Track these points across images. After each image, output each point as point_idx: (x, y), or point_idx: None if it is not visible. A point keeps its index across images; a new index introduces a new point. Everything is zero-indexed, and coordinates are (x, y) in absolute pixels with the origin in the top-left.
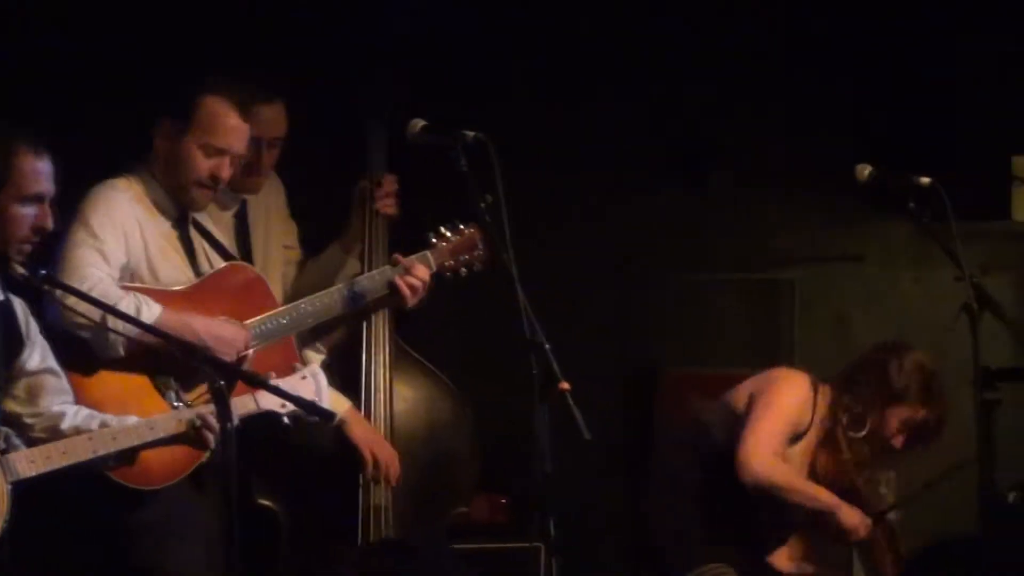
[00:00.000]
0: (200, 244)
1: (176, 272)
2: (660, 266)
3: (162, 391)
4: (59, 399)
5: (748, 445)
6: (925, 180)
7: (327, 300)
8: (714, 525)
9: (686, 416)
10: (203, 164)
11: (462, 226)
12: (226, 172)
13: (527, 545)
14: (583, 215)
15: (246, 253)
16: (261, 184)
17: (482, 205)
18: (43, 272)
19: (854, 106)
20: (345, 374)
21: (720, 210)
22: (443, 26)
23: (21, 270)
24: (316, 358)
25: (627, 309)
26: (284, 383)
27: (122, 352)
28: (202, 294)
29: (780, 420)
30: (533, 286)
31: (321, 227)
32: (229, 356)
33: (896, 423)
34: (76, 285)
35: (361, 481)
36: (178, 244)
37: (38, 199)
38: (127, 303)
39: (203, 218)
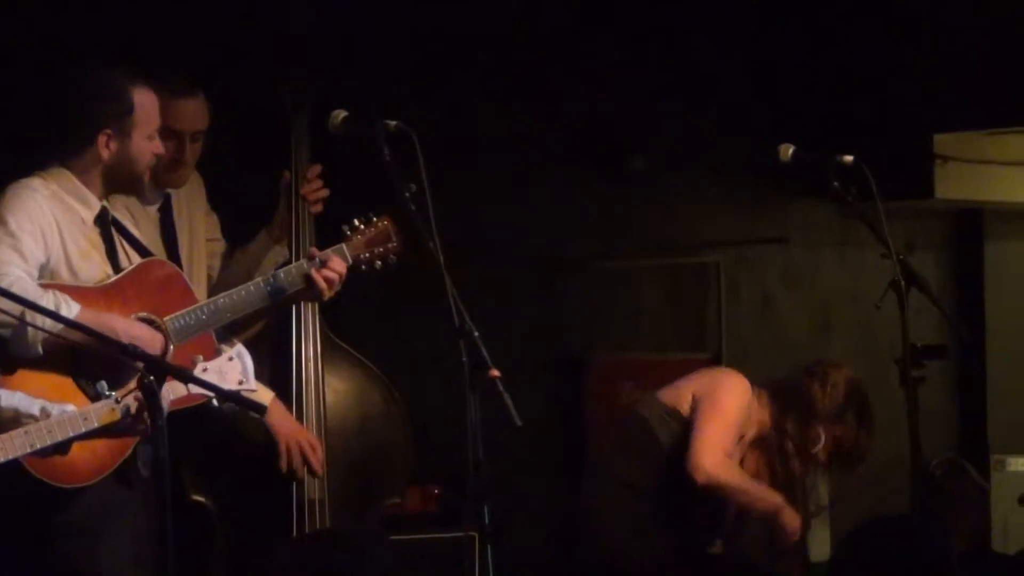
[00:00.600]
0: (119, 241)
1: (95, 270)
2: (584, 252)
3: (85, 389)
4: None
5: (700, 447)
6: (848, 159)
7: (244, 295)
8: (659, 523)
9: (618, 404)
10: (149, 150)
11: (375, 218)
12: (161, 146)
13: (461, 534)
14: (506, 202)
15: (172, 248)
16: (186, 177)
17: (406, 194)
18: None
19: (775, 86)
20: (275, 367)
21: (642, 195)
22: (362, 18)
23: None
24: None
25: (553, 296)
26: (212, 365)
27: (41, 351)
28: (120, 290)
29: (728, 422)
30: (459, 274)
31: (248, 219)
32: None
33: (820, 439)
34: None
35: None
36: (98, 241)
37: None
38: (47, 301)
39: (122, 215)
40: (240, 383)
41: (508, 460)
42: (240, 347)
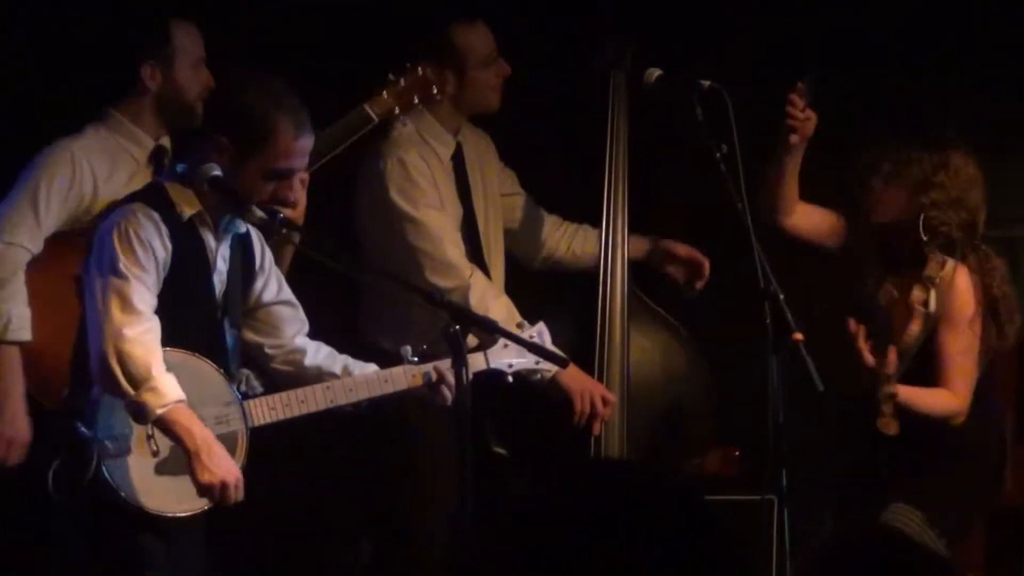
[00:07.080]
0: None
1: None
2: None
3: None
4: (298, 330)
5: None
6: None
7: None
8: None
9: None
10: (196, 80)
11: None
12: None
13: (759, 497)
14: (813, 169)
15: (466, 199)
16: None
17: (717, 155)
18: (281, 216)
19: None
20: (581, 324)
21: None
22: None
23: (260, 212)
24: None
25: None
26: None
27: None
28: None
29: None
30: (767, 237)
31: (568, 175)
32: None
33: None
34: None
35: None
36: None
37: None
38: None
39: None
40: (537, 363)
41: (810, 424)
42: (541, 325)
